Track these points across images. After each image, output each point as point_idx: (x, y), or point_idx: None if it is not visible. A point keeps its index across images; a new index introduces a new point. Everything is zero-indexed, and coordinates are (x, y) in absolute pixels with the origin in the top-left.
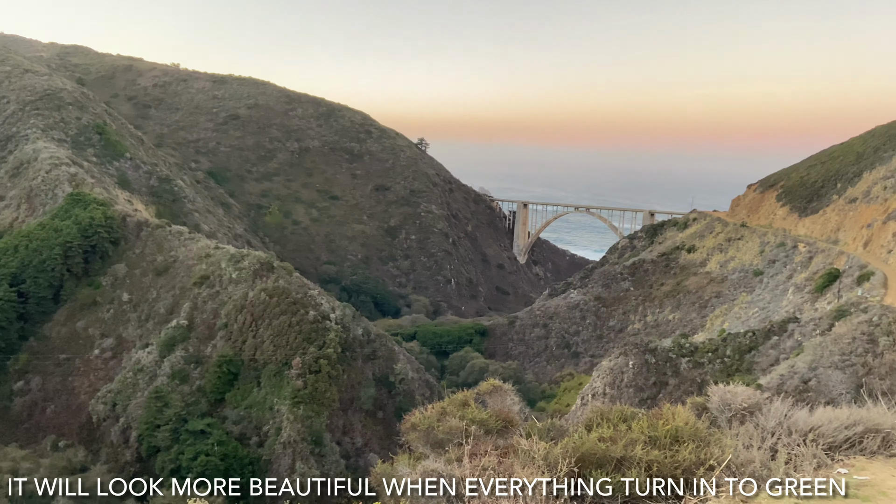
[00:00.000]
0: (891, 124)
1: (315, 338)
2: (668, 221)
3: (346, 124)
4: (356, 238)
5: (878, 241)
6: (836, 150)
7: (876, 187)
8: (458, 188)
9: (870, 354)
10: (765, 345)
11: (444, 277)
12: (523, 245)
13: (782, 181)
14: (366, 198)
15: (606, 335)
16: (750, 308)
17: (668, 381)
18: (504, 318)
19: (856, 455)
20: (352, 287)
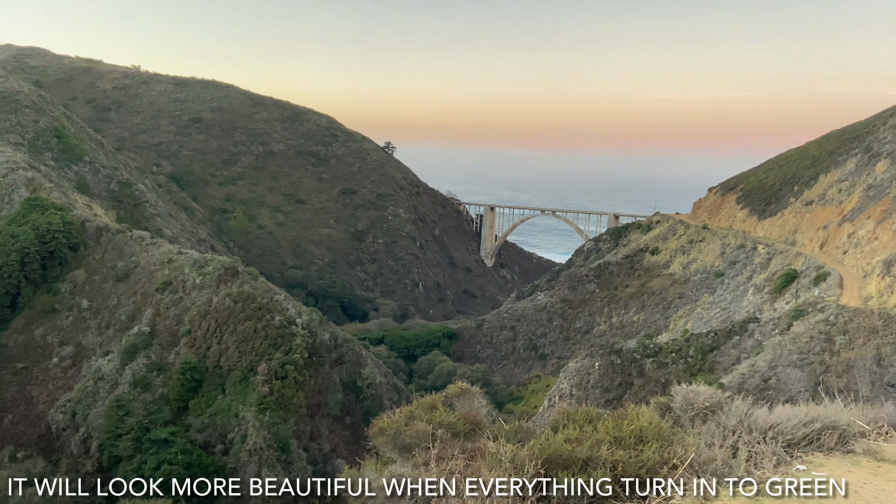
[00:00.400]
0: (844, 129)
1: (281, 343)
2: (632, 224)
3: (312, 127)
4: (322, 242)
5: (834, 243)
6: (793, 155)
7: (831, 190)
8: (426, 192)
9: (827, 353)
10: (726, 344)
11: (412, 281)
12: (490, 248)
13: (742, 184)
14: (332, 202)
15: (573, 337)
16: (712, 308)
17: (634, 381)
18: (472, 321)
19: (814, 452)
20: (318, 291)
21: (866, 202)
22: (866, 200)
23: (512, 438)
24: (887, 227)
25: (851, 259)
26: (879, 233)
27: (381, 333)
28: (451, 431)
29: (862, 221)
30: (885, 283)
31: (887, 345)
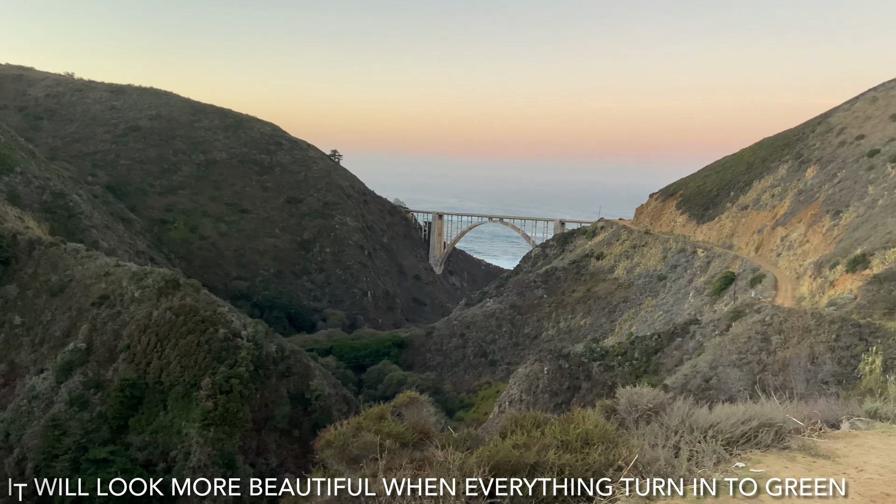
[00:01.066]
0: (777, 136)
1: (226, 356)
2: (577, 230)
3: (256, 136)
4: (268, 252)
5: (768, 246)
6: (729, 161)
7: (765, 195)
8: (373, 200)
9: (764, 352)
10: (669, 346)
11: (361, 290)
12: (439, 255)
13: (681, 190)
14: (277, 211)
15: (522, 342)
16: (655, 311)
17: (581, 384)
18: (422, 329)
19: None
20: (264, 303)
21: (798, 206)
22: (798, 205)
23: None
24: (818, 231)
25: (785, 261)
26: (810, 236)
27: (329, 344)
28: (399, 441)
29: (794, 225)
30: (816, 283)
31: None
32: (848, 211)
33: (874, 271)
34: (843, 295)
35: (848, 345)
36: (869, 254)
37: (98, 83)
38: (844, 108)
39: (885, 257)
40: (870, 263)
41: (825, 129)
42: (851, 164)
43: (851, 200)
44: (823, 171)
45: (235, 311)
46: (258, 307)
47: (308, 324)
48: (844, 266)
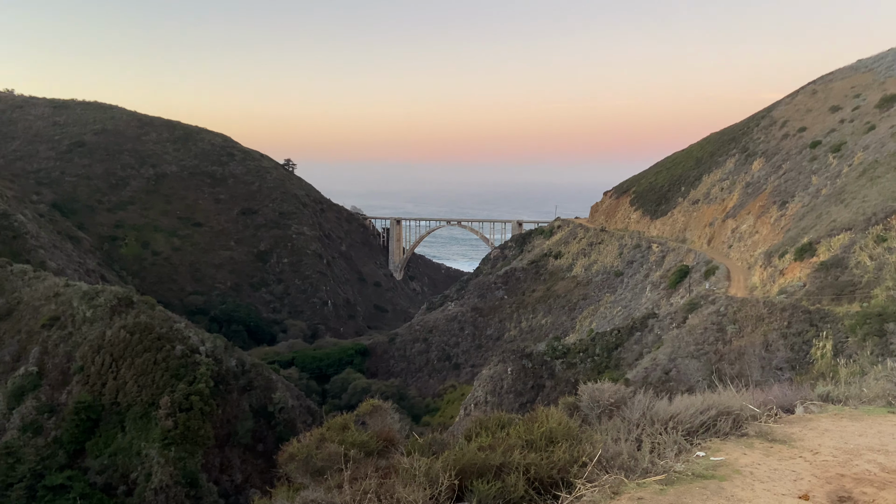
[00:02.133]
0: (723, 131)
1: (184, 374)
2: (535, 230)
3: (206, 147)
4: (224, 265)
5: (720, 238)
6: (679, 157)
7: (714, 189)
8: (330, 208)
9: (720, 342)
10: (629, 340)
11: (321, 299)
12: (399, 261)
13: (634, 187)
14: (232, 223)
15: (485, 344)
16: (614, 307)
17: (545, 383)
18: (384, 336)
19: (711, 438)
20: (222, 317)
21: (746, 199)
22: (746, 197)
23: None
24: (766, 222)
25: (736, 252)
26: (759, 227)
27: (290, 355)
28: (364, 450)
29: (743, 217)
30: (766, 273)
31: (773, 331)
32: (794, 201)
33: (821, 259)
34: (792, 283)
35: (799, 331)
36: (815, 242)
37: (40, 99)
38: (786, 102)
39: (830, 245)
40: (816, 251)
41: (769, 123)
42: (795, 155)
43: (797, 191)
44: (769, 163)
45: (193, 327)
46: (216, 322)
47: (268, 336)
48: (793, 255)
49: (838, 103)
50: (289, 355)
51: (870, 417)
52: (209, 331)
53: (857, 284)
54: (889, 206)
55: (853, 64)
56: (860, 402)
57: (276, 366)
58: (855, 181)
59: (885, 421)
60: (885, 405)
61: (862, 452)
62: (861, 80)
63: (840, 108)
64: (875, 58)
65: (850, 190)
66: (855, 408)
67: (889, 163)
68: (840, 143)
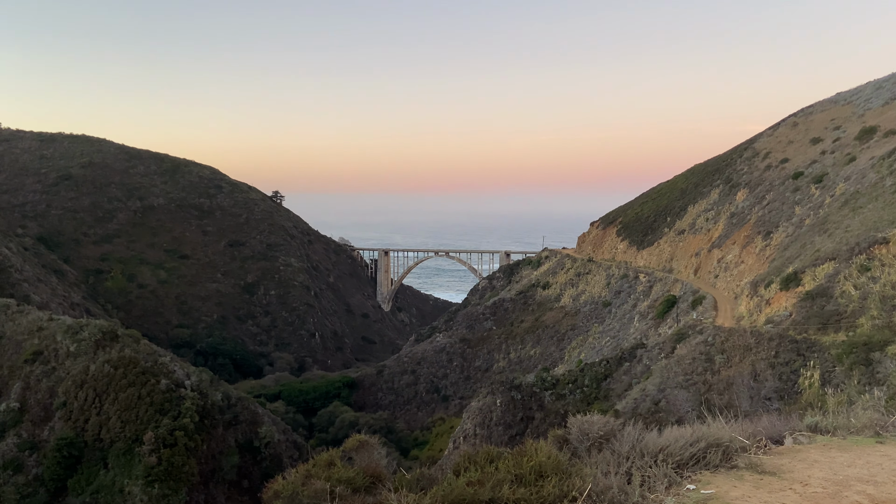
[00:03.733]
0: (707, 162)
1: (169, 408)
2: (523, 261)
3: (194, 179)
4: (210, 298)
5: (706, 268)
6: (664, 188)
7: (699, 219)
8: (318, 239)
9: (708, 372)
10: (618, 371)
11: (308, 332)
12: (387, 292)
13: (620, 217)
14: (219, 255)
15: (474, 375)
16: (602, 337)
17: (535, 415)
18: (372, 368)
19: (701, 470)
20: (208, 350)
21: (731, 229)
22: (731, 227)
23: (414, 487)
24: (751, 251)
25: (723, 282)
26: (745, 256)
27: (277, 388)
28: (350, 487)
29: (729, 247)
30: (753, 302)
31: (761, 360)
32: (778, 231)
33: (806, 288)
34: (779, 312)
35: (787, 361)
36: (800, 272)
37: (26, 132)
38: (768, 134)
39: (815, 274)
40: (801, 281)
41: (752, 154)
42: (778, 186)
43: (781, 221)
44: (753, 193)
45: (178, 361)
46: (202, 355)
47: (255, 369)
48: (778, 284)
49: (819, 135)
50: (275, 388)
51: (858, 448)
52: (195, 364)
53: (842, 314)
54: (871, 235)
55: (832, 97)
56: (848, 432)
57: (263, 399)
58: (837, 211)
59: (874, 451)
60: (873, 435)
61: (851, 484)
62: (840, 112)
63: (821, 140)
64: (853, 91)
65: (833, 220)
66: (843, 438)
67: (870, 193)
68: (822, 174)
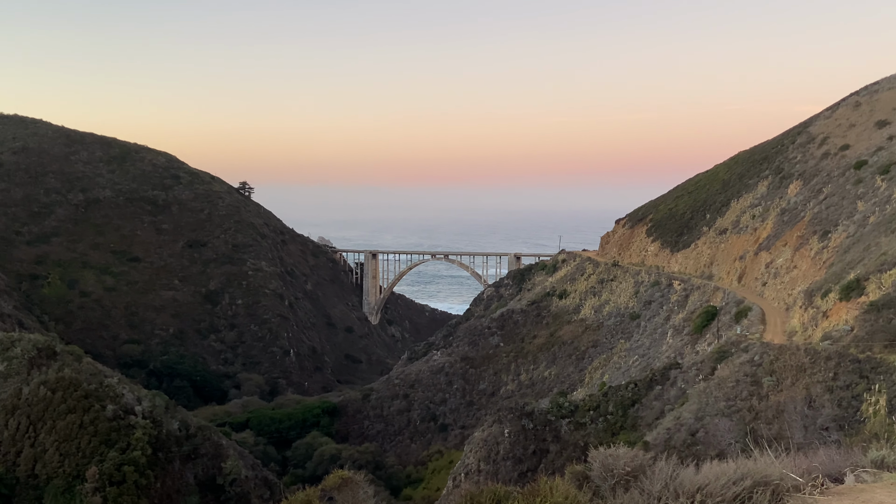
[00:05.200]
0: (753, 149)
1: (116, 439)
2: (535, 265)
3: (147, 168)
4: (166, 308)
5: (752, 274)
6: (702, 179)
7: (744, 216)
8: (293, 239)
9: (755, 397)
10: (648, 396)
11: (281, 348)
12: (375, 302)
13: (651, 214)
14: (176, 257)
15: (477, 401)
16: (629, 356)
17: (549, 447)
18: (357, 392)
19: None
20: (163, 370)
21: (782, 228)
22: (781, 226)
23: None
24: (805, 255)
25: (772, 291)
26: (798, 260)
27: (245, 416)
28: None
29: (779, 249)
30: (808, 315)
31: (817, 384)
32: (837, 231)
33: (870, 298)
34: (838, 326)
35: (847, 384)
36: (863, 278)
37: None
38: (825, 116)
39: (881, 282)
40: (865, 289)
41: (806, 140)
42: (837, 177)
43: (840, 219)
44: (807, 186)
45: (127, 383)
46: (156, 375)
47: (218, 393)
48: (837, 293)
49: (886, 117)
50: (243, 416)
51: None
52: (147, 387)
53: None
54: None
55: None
56: None
57: (228, 429)
58: None
59: None
60: None
61: None
62: None
63: (888, 123)
64: None
65: None
66: None
67: None
68: (889, 163)
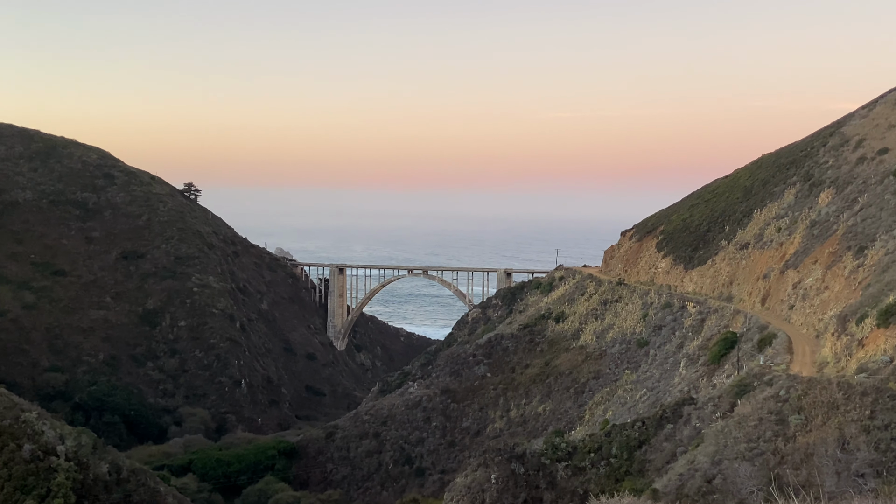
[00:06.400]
0: (779, 152)
1: (35, 484)
2: (528, 283)
3: (76, 166)
4: (96, 330)
5: (777, 295)
6: (721, 186)
7: (769, 229)
8: (247, 251)
9: (780, 438)
10: (657, 436)
11: (231, 378)
12: (341, 325)
13: (662, 225)
14: (108, 271)
15: (460, 441)
16: (636, 389)
17: (543, 495)
18: (319, 430)
19: None
20: (91, 403)
21: (811, 242)
22: (811, 240)
23: None
24: (838, 274)
25: (800, 315)
26: (830, 280)
27: (187, 458)
28: None
29: (808, 267)
30: (841, 343)
31: (851, 423)
32: (874, 247)
33: None
34: (875, 357)
35: (887, 423)
36: None
37: None
38: (861, 115)
39: None
40: None
41: (839, 142)
42: (875, 185)
43: (878, 233)
44: (840, 195)
45: (48, 418)
46: (82, 410)
47: (156, 430)
48: (875, 319)
49: None
50: (184, 458)
51: None
52: (72, 423)
53: None
54: None
55: None
56: None
57: (167, 472)
58: None
59: None
60: None
61: None
62: None
63: None
64: None
65: None
66: None
67: None
68: None
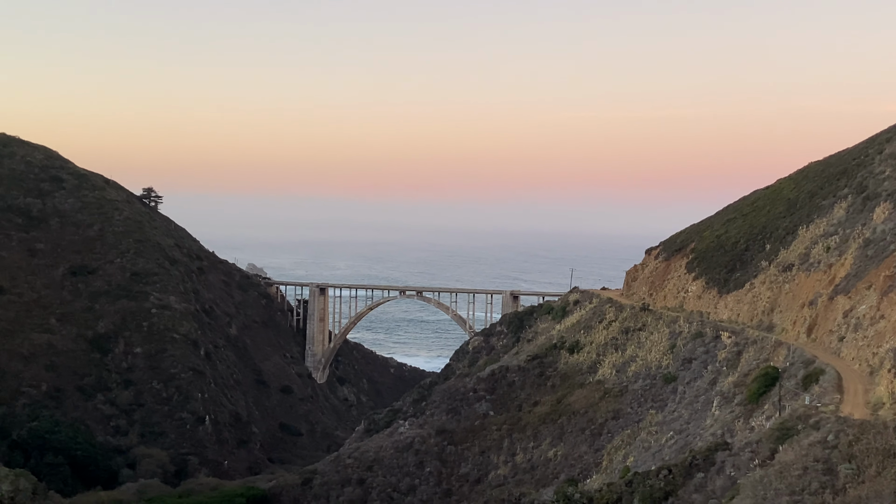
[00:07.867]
0: (828, 160)
1: None
2: (538, 307)
3: (19, 167)
4: (38, 356)
5: (826, 325)
6: (761, 199)
7: (816, 248)
8: (214, 267)
9: (828, 491)
10: (686, 487)
11: (194, 414)
12: (322, 353)
13: (692, 243)
14: (54, 288)
15: (457, 489)
16: (662, 432)
17: None
18: (295, 475)
19: None
20: (31, 441)
21: (865, 264)
22: (865, 262)
23: None
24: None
25: (851, 348)
26: (886, 308)
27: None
28: None
29: (861, 293)
30: None
31: None
32: None
33: None
34: None
35: None
36: None
37: None
38: None
39: None
40: None
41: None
42: None
43: None
44: None
45: None
46: (21, 448)
47: (106, 473)
48: None
49: None
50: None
51: None
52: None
53: None
54: None
55: None
56: None
57: None
58: None
59: None
60: None
61: None
62: None
63: None
64: None
65: None
66: None
67: None
68: None
